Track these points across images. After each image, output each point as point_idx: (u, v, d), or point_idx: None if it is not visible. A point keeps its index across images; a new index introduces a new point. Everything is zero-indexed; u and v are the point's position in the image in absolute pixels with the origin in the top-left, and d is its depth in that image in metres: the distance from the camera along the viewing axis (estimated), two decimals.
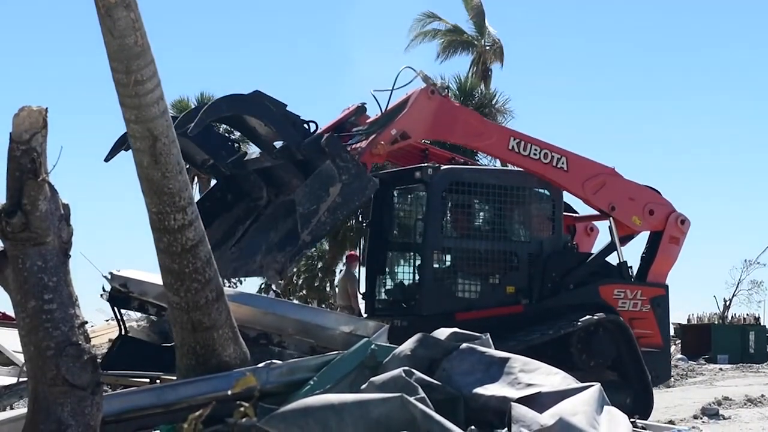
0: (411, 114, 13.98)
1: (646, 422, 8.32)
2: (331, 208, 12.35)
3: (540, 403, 7.18)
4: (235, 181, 14.02)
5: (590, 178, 14.95)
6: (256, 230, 13.42)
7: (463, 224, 14.75)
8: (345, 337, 10.18)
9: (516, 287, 14.40)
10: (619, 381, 14.32)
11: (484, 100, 38.75)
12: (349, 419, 6.12)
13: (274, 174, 13.63)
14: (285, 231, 12.78)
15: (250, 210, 13.89)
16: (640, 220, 15.33)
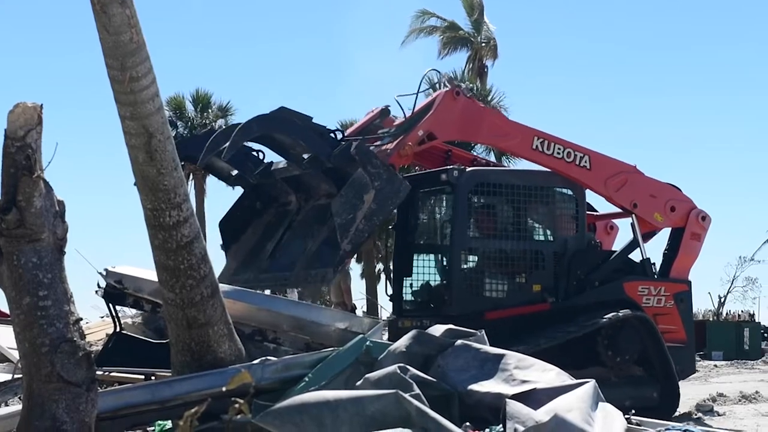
0: (437, 115, 14.17)
1: (641, 419, 8.32)
2: (367, 215, 12.48)
3: (535, 399, 7.19)
4: (263, 189, 14.16)
5: (612, 176, 15.11)
6: (291, 238, 13.59)
7: (489, 225, 14.87)
8: (340, 333, 10.19)
9: (542, 286, 14.50)
10: (646, 376, 14.52)
11: (480, 97, 38.74)
12: (345, 415, 6.12)
13: (302, 180, 13.80)
14: (321, 241, 12.94)
15: (281, 215, 14.09)
16: (662, 217, 15.50)
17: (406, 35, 47.85)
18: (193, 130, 45.19)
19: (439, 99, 14.31)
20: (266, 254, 13.62)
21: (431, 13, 47.80)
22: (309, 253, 12.89)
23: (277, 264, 13.44)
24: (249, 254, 13.99)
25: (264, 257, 13.62)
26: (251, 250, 13.94)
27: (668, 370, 14.52)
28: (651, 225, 15.54)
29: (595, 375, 13.77)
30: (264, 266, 13.51)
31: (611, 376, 14.07)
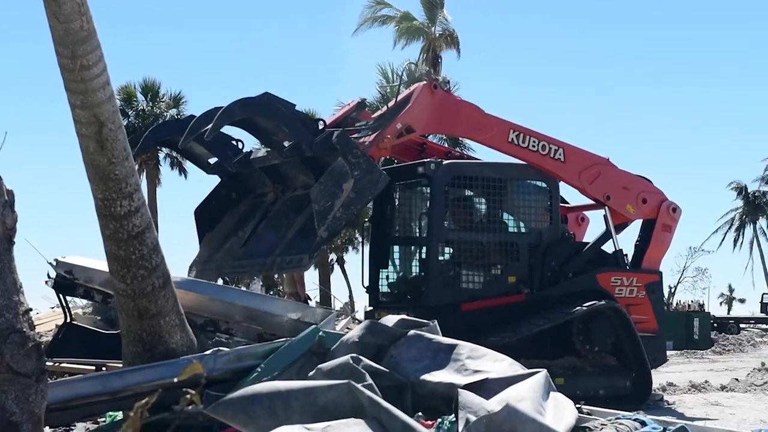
0: (415, 108, 14.36)
1: (592, 408, 8.38)
2: (345, 203, 12.55)
3: (487, 389, 7.22)
4: (240, 178, 14.11)
5: (586, 169, 15.33)
6: (266, 227, 13.62)
7: (466, 217, 15.05)
8: (292, 323, 10.18)
9: (517, 277, 14.70)
10: (619, 365, 14.72)
11: None
12: (296, 405, 6.10)
13: (280, 171, 13.83)
14: (298, 228, 12.99)
15: (256, 206, 14.11)
16: (634, 209, 15.75)
17: (359, 24, 47.90)
18: (143, 120, 44.92)
19: (417, 92, 14.52)
20: (240, 242, 13.64)
21: (385, 3, 47.76)
22: (285, 241, 12.92)
23: (251, 251, 13.50)
24: (222, 243, 13.94)
25: (237, 245, 13.61)
26: (225, 238, 13.90)
27: (641, 360, 14.79)
28: (623, 217, 15.79)
29: (570, 365, 14.10)
30: (237, 254, 13.53)
31: (586, 366, 14.36)
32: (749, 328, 45.70)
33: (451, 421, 6.86)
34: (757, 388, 16.36)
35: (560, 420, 6.99)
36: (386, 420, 5.79)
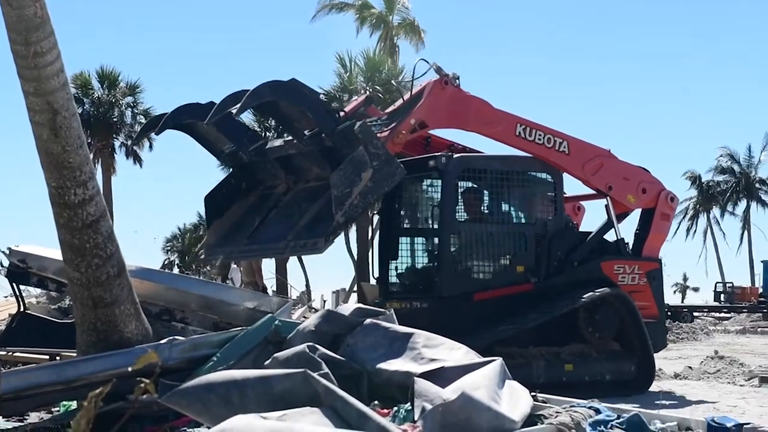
0: (428, 104, 14.56)
1: (548, 396, 8.42)
2: (362, 192, 12.70)
3: (443, 377, 7.23)
4: (251, 169, 14.24)
5: (589, 161, 15.67)
6: (277, 216, 13.73)
7: (476, 209, 15.37)
8: (249, 312, 10.16)
9: (525, 267, 14.94)
10: (623, 351, 15.00)
11: (392, 76, 38.76)
12: (252, 395, 6.08)
13: (294, 162, 13.87)
14: (313, 215, 13.12)
15: (265, 197, 14.18)
16: (635, 198, 16.13)
17: (317, 10, 47.87)
18: (99, 108, 44.59)
19: (429, 88, 14.69)
20: (250, 230, 13.76)
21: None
22: (298, 227, 13.07)
23: (261, 237, 13.61)
24: (230, 230, 14.05)
25: (246, 233, 13.77)
26: (233, 226, 14.03)
27: (645, 345, 15.08)
28: (624, 206, 16.16)
29: (578, 351, 14.39)
30: (246, 241, 13.68)
31: (592, 352, 14.62)
32: (703, 316, 46.13)
33: (407, 410, 6.87)
34: (710, 376, 16.52)
35: (515, 408, 7.02)
36: (342, 409, 5.79)
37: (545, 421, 7.20)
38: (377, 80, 37.86)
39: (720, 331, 36.80)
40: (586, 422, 7.26)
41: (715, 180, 74.66)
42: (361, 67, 38.32)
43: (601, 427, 7.14)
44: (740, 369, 16.99)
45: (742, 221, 73.10)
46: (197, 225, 78.78)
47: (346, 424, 5.61)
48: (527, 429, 6.84)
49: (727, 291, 55.04)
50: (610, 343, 14.89)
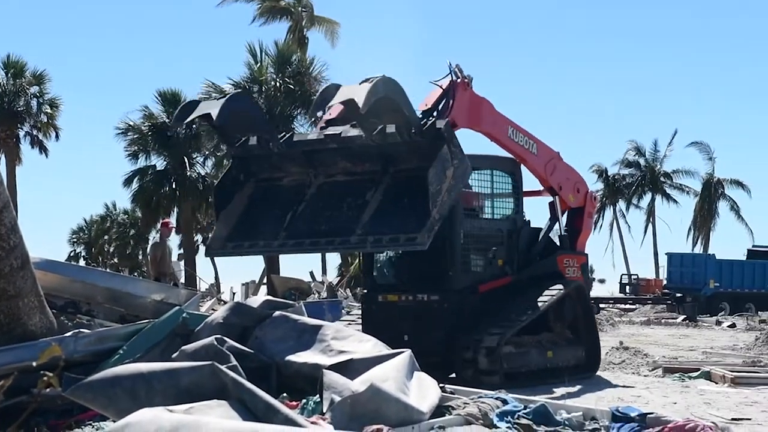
0: (458, 105, 14.70)
1: (455, 387, 8.49)
2: (448, 188, 12.77)
3: (352, 369, 7.25)
4: (268, 160, 13.84)
5: (549, 161, 16.22)
6: (313, 209, 13.48)
7: (469, 206, 15.50)
8: (156, 305, 10.07)
9: (503, 260, 15.34)
10: (575, 338, 15.49)
11: (302, 68, 38.61)
12: (159, 387, 6.03)
13: (319, 156, 13.68)
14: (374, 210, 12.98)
15: (280, 190, 13.85)
16: (573, 198, 16.81)
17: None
18: (4, 98, 43.78)
19: (455, 90, 14.72)
20: (280, 223, 13.46)
21: None
22: (364, 221, 12.92)
23: (305, 231, 13.31)
24: (243, 222, 13.76)
25: (275, 225, 13.45)
26: (244, 218, 13.74)
27: (594, 332, 16.01)
28: (566, 205, 16.75)
29: (551, 339, 14.89)
30: (283, 234, 13.34)
31: (558, 340, 15.09)
32: (609, 307, 46.61)
33: (316, 402, 6.87)
34: (615, 367, 16.74)
35: (424, 399, 7.06)
36: (250, 401, 5.76)
37: (453, 412, 7.25)
38: (288, 72, 37.71)
39: (625, 322, 37.29)
40: (494, 413, 7.33)
41: (621, 173, 75.64)
42: (272, 57, 38.08)
43: (508, 417, 7.21)
44: (644, 360, 17.27)
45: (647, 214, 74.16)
46: (104, 216, 77.90)
47: (254, 417, 5.59)
48: (435, 420, 6.88)
49: (632, 283, 55.76)
50: (565, 331, 15.39)
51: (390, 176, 13.20)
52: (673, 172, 73.34)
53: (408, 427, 6.43)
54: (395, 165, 13.14)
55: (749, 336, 26.01)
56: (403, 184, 13.01)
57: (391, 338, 13.94)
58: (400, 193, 13.02)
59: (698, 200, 71.66)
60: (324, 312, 15.57)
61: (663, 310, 46.16)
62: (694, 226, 71.91)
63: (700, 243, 70.89)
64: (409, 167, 13.06)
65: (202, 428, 4.93)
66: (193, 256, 43.41)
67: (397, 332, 13.68)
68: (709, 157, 70.89)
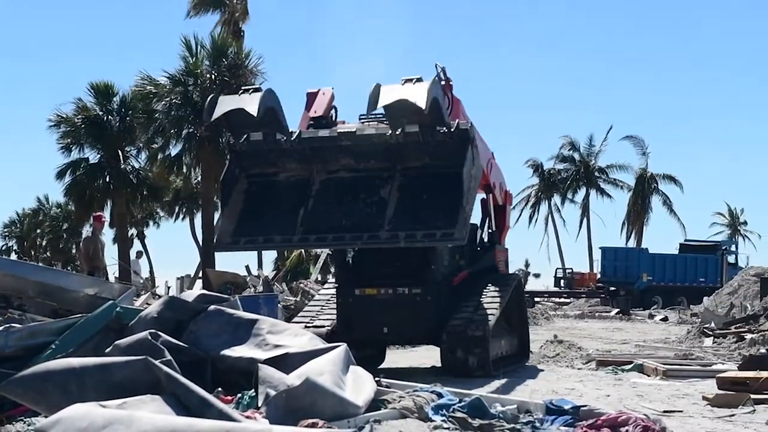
0: (454, 106, 14.94)
1: (391, 381, 8.50)
2: (473, 186, 13.49)
3: (288, 363, 7.22)
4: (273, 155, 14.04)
5: (489, 160, 16.38)
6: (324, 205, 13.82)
7: None
8: (89, 299, 9.98)
9: (460, 255, 15.62)
10: (511, 327, 16.05)
11: (238, 61, 38.39)
12: (91, 383, 5.97)
13: (323, 152, 13.97)
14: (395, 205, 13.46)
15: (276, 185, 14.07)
16: (500, 196, 17.41)
17: None
18: None
19: (447, 91, 14.79)
20: (292, 218, 13.75)
21: None
22: (389, 217, 13.41)
23: (324, 226, 13.63)
24: (249, 217, 13.94)
25: (287, 220, 13.73)
26: (248, 212, 13.94)
27: (526, 323, 17.14)
28: (495, 202, 17.31)
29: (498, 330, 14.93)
30: (300, 229, 13.66)
31: (502, 330, 15.35)
32: (544, 301, 47.05)
33: (251, 396, 6.84)
34: (549, 360, 16.85)
35: (360, 393, 7.06)
36: (183, 396, 5.72)
37: (389, 405, 7.26)
38: (224, 65, 37.46)
39: (560, 315, 37.67)
40: (429, 406, 7.35)
41: (557, 168, 76.27)
42: (207, 50, 37.81)
43: (443, 410, 7.23)
44: (578, 353, 17.41)
45: (581, 209, 74.92)
46: (36, 210, 76.99)
47: (188, 412, 5.55)
48: (371, 414, 6.88)
49: (566, 277, 56.28)
50: (502, 321, 15.61)
51: (399, 173, 13.69)
52: (607, 166, 74.20)
53: (343, 420, 6.42)
54: (402, 162, 13.64)
55: (681, 329, 26.38)
56: (416, 181, 13.59)
57: (369, 330, 14.46)
58: (415, 189, 13.56)
59: (632, 195, 72.53)
60: (260, 306, 15.48)
61: (597, 304, 46.68)
62: (627, 220, 72.76)
63: (634, 237, 71.77)
64: (417, 165, 13.64)
65: (135, 423, 4.88)
66: (127, 249, 43.03)
67: (377, 324, 14.18)
68: (642, 152, 71.79)
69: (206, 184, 39.63)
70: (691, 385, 12.49)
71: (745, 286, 33.37)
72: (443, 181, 13.36)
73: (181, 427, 4.89)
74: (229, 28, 45.42)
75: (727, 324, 22.20)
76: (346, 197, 13.84)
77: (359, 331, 14.32)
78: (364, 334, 14.51)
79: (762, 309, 21.83)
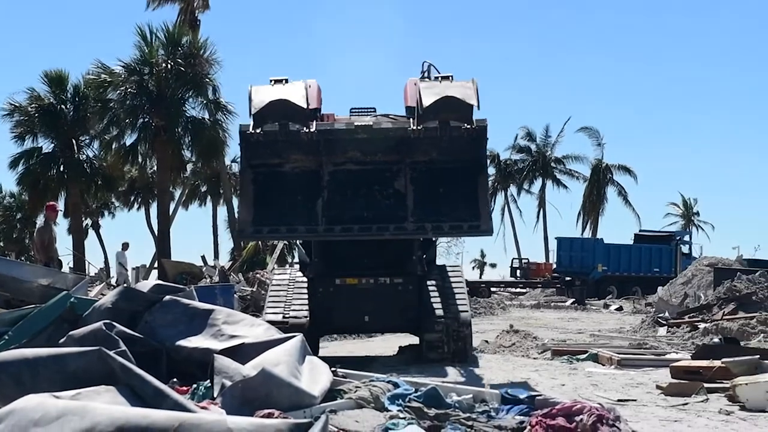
0: None
1: (347, 371, 8.50)
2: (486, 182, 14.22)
3: (243, 354, 7.21)
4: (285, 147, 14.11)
5: None
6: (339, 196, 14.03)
7: None
8: (43, 289, 9.90)
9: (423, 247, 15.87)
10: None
11: (193, 50, 38.16)
12: (45, 373, 5.92)
13: (335, 144, 14.12)
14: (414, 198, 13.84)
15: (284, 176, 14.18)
16: None
17: None
18: None
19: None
20: (312, 209, 13.97)
21: None
22: (410, 209, 13.78)
23: (348, 217, 13.90)
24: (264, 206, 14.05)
25: (314, 211, 13.95)
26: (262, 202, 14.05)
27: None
28: None
29: None
30: (322, 220, 13.87)
31: None
32: (500, 291, 47.26)
33: (207, 387, 6.82)
34: (505, 350, 16.94)
35: (316, 383, 7.06)
36: (138, 386, 5.69)
37: (345, 395, 7.27)
38: (179, 54, 37.23)
39: (516, 305, 37.83)
40: (385, 396, 7.36)
41: (513, 159, 76.54)
42: (162, 39, 37.55)
43: (399, 400, 7.25)
44: (534, 342, 17.50)
45: (537, 199, 75.27)
46: None
47: (143, 402, 5.51)
48: (327, 404, 6.88)
49: (522, 267, 56.53)
50: None
51: (408, 167, 14.00)
52: (563, 157, 74.55)
53: (299, 411, 6.42)
54: (411, 156, 13.96)
55: (635, 319, 26.60)
56: (427, 175, 13.93)
57: (350, 319, 14.88)
58: (428, 183, 13.90)
59: (587, 185, 72.91)
60: (216, 296, 15.46)
61: (553, 294, 46.91)
62: (583, 210, 73.14)
63: (589, 227, 72.17)
64: (425, 159, 13.98)
65: (89, 414, 4.85)
66: (82, 240, 42.72)
67: (358, 313, 14.55)
68: (598, 143, 72.21)
69: (161, 174, 39.41)
70: (645, 374, 12.59)
71: (699, 276, 33.62)
72: (454, 175, 13.78)
73: (135, 418, 4.86)
74: (186, 18, 45.14)
75: (680, 314, 22.44)
76: (361, 189, 14.13)
77: (339, 320, 14.84)
78: (344, 323, 15.11)
79: (715, 299, 22.06)
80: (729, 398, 9.67)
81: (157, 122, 36.73)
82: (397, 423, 6.58)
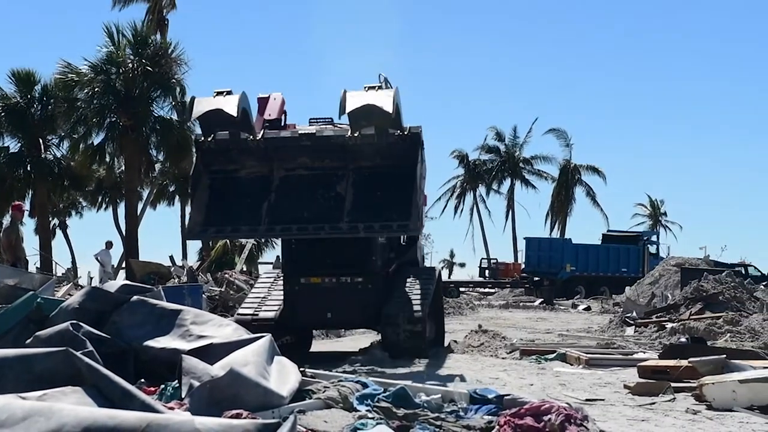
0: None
1: (316, 371, 8.50)
2: (423, 183, 14.77)
3: (212, 354, 7.19)
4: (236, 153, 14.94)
5: None
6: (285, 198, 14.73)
7: None
8: (9, 290, 9.84)
9: (390, 248, 16.60)
10: (432, 315, 16.41)
11: (161, 50, 38.00)
12: (10, 374, 5.87)
13: (284, 151, 14.92)
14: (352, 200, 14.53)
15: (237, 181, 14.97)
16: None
17: None
18: None
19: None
20: (256, 210, 14.68)
21: None
22: (347, 210, 14.44)
23: (288, 217, 14.54)
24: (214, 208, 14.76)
25: (251, 212, 14.65)
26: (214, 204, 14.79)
27: (442, 310, 18.29)
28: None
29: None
30: (266, 219, 14.58)
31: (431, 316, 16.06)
32: (469, 291, 47.35)
33: (175, 387, 6.79)
34: (474, 350, 16.93)
35: (284, 384, 7.05)
36: (105, 387, 5.65)
37: (313, 396, 7.26)
38: (146, 54, 37.05)
39: (484, 305, 37.89)
40: (354, 396, 7.36)
41: (482, 159, 76.72)
42: (129, 39, 37.35)
43: (368, 400, 7.25)
44: (502, 342, 17.51)
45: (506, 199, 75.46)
46: None
47: (110, 403, 5.48)
48: (295, 404, 6.87)
49: (491, 267, 56.62)
50: None
51: (352, 172, 14.76)
52: (532, 158, 74.81)
53: (268, 411, 6.40)
54: (355, 162, 14.72)
55: (603, 318, 26.70)
56: (369, 179, 14.66)
57: (314, 316, 15.37)
58: (368, 186, 14.63)
59: (556, 186, 73.20)
60: (184, 296, 15.41)
61: (521, 294, 47.04)
62: (551, 211, 73.46)
63: (558, 228, 72.52)
64: (369, 164, 14.72)
65: (56, 415, 4.81)
66: (49, 240, 42.45)
67: (321, 310, 15.14)
68: (566, 144, 72.57)
69: (129, 174, 39.22)
70: (613, 374, 12.64)
71: (666, 276, 33.84)
72: (394, 179, 14.43)
73: (102, 418, 4.83)
74: (154, 17, 44.95)
75: (648, 313, 22.55)
76: (306, 192, 14.83)
77: (304, 317, 15.40)
78: (308, 320, 15.64)
79: (682, 299, 22.19)
80: (696, 397, 9.71)
81: (124, 122, 36.54)
82: (366, 423, 6.58)
